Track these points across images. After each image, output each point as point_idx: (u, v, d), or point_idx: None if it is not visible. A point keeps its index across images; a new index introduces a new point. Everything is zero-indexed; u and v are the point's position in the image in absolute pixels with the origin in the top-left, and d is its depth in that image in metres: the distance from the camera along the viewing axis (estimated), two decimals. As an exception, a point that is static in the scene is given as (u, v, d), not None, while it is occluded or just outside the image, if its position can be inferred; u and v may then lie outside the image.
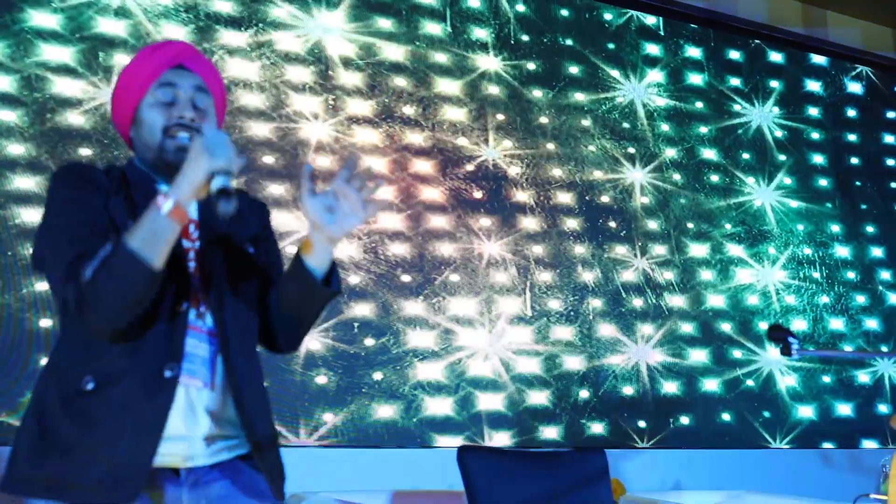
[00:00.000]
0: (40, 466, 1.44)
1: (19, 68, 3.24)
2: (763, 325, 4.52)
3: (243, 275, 1.65)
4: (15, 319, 3.02)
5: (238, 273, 1.64)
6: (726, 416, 4.29)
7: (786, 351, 2.37)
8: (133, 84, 1.65)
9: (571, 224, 4.18)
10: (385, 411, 3.53)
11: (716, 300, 4.46)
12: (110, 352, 1.47)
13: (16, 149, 3.18)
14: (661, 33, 4.80)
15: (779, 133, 4.96)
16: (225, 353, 1.56)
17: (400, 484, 3.22)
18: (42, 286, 3.08)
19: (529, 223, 4.07)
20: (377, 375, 3.56)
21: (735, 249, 4.60)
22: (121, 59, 3.40)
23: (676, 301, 4.34)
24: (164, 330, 1.51)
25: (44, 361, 2.88)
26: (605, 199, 4.31)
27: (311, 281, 1.58)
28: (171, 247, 1.45)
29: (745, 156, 4.82)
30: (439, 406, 3.64)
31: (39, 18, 3.32)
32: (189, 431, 1.51)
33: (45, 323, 3.06)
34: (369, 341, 3.58)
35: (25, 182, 3.15)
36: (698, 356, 4.31)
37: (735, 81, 4.94)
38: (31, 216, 3.12)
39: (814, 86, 5.24)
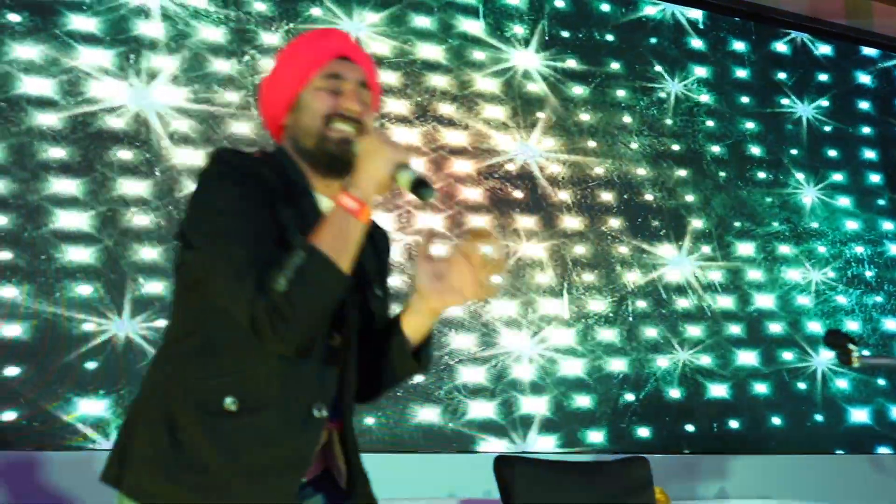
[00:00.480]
0: (173, 481, 1.38)
1: (56, 72, 3.24)
2: (812, 326, 4.38)
3: (366, 315, 1.59)
4: (50, 323, 3.01)
5: (364, 312, 1.58)
6: (775, 420, 4.15)
7: (845, 359, 2.14)
8: (295, 70, 1.59)
9: (611, 223, 4.08)
10: (422, 415, 3.47)
11: (762, 300, 4.32)
12: (256, 375, 1.40)
13: (54, 152, 3.17)
14: (701, 27, 4.68)
15: (824, 127, 4.81)
16: (345, 393, 1.52)
17: (436, 491, 3.16)
18: (83, 290, 3.07)
19: (568, 222, 3.98)
20: (414, 378, 3.49)
21: (781, 248, 4.47)
22: (155, 62, 3.39)
23: (721, 301, 4.22)
24: (316, 362, 1.44)
25: (97, 363, 2.95)
26: (645, 197, 4.20)
27: (400, 348, 1.54)
28: (358, 250, 1.39)
29: (790, 151, 4.68)
30: (478, 410, 3.57)
31: (77, 22, 3.32)
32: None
33: (89, 326, 3.04)
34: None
35: (62, 185, 3.15)
36: (745, 358, 4.18)
37: (778, 75, 4.80)
38: (68, 220, 3.12)
39: (861, 78, 5.08)
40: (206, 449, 1.38)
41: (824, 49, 5.02)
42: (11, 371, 2.93)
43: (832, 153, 4.79)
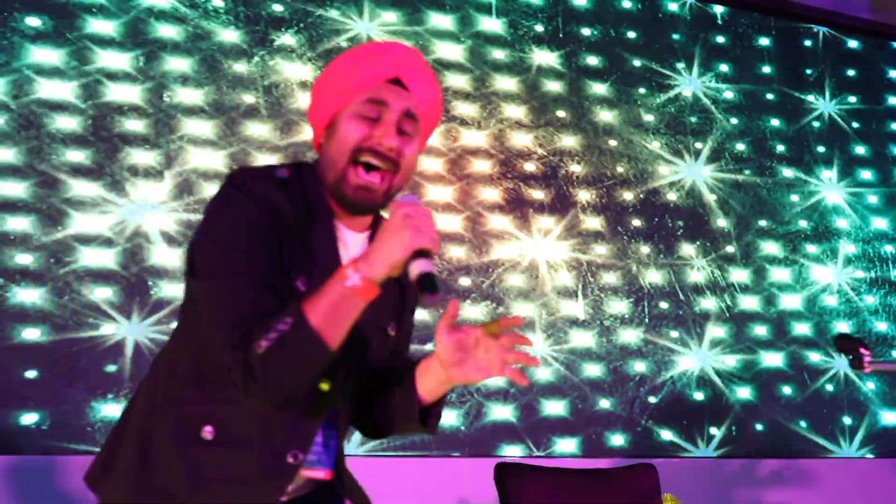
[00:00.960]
0: (137, 501, 1.36)
1: (73, 75, 3.26)
2: (840, 327, 4.29)
3: (371, 356, 1.51)
4: (73, 328, 3.02)
5: (370, 353, 1.50)
6: (800, 423, 4.07)
7: (857, 364, 2.08)
8: (339, 87, 1.47)
9: (631, 223, 4.02)
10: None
11: (785, 301, 4.24)
12: (237, 410, 1.36)
13: (71, 155, 3.19)
14: (720, 22, 4.60)
15: (849, 123, 4.72)
16: (339, 438, 1.49)
17: (446, 497, 3.12)
18: (103, 293, 3.08)
19: (586, 222, 3.93)
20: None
21: (804, 247, 4.38)
22: (170, 64, 3.40)
23: (742, 302, 4.14)
24: (300, 408, 1.39)
25: (110, 367, 2.95)
26: (664, 196, 4.14)
27: (409, 408, 1.45)
28: (352, 325, 1.29)
29: (813, 148, 4.59)
30: (492, 413, 3.53)
31: (94, 25, 3.33)
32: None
33: (104, 330, 3.04)
34: (427, 347, 3.50)
35: (79, 188, 3.16)
36: (767, 359, 4.10)
37: (799, 71, 4.71)
38: (88, 224, 3.12)
39: (886, 73, 4.97)
40: (174, 474, 1.34)
41: (848, 44, 4.92)
42: (28, 374, 2.94)
43: (858, 150, 4.70)
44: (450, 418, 3.45)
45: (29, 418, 2.90)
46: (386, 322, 1.53)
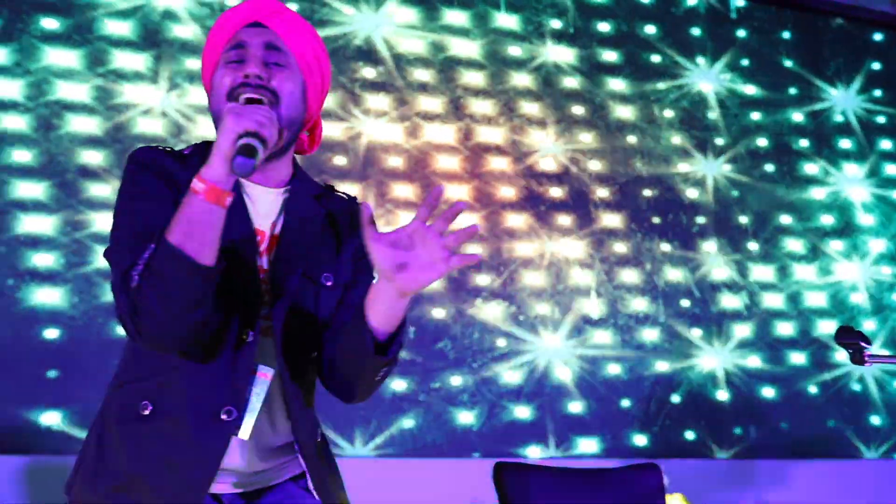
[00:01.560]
0: (93, 490, 1.37)
1: (90, 77, 3.28)
2: (866, 325, 4.21)
3: (306, 308, 1.47)
4: (94, 329, 3.05)
5: (302, 305, 1.46)
6: (826, 424, 3.99)
7: (857, 359, 2.02)
8: (208, 50, 1.53)
9: (648, 220, 3.97)
10: (447, 418, 3.42)
11: (810, 298, 4.16)
12: (170, 379, 1.36)
13: (92, 156, 3.21)
14: (734, 16, 4.52)
15: (867, 118, 4.61)
16: (292, 396, 1.44)
17: (458, 498, 3.09)
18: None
19: (604, 220, 3.89)
20: (438, 382, 3.44)
21: (827, 244, 4.29)
22: (188, 64, 3.41)
23: (765, 300, 4.07)
24: (228, 363, 1.37)
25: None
26: (682, 192, 4.08)
27: (364, 342, 1.36)
28: (218, 237, 1.27)
29: (836, 143, 4.50)
30: (508, 413, 3.50)
31: (110, 26, 3.36)
32: (240, 467, 1.43)
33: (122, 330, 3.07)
34: (440, 343, 3.48)
35: (100, 189, 3.18)
36: (791, 358, 4.03)
37: (818, 64, 4.61)
38: (104, 224, 3.14)
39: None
40: (121, 455, 1.36)
41: (871, 37, 4.81)
42: (48, 374, 2.97)
43: (883, 145, 4.59)
44: (465, 418, 3.43)
45: (47, 418, 2.93)
46: (317, 272, 1.49)
